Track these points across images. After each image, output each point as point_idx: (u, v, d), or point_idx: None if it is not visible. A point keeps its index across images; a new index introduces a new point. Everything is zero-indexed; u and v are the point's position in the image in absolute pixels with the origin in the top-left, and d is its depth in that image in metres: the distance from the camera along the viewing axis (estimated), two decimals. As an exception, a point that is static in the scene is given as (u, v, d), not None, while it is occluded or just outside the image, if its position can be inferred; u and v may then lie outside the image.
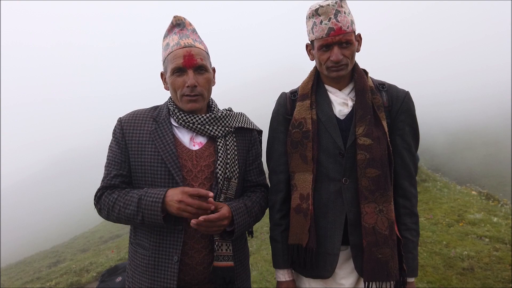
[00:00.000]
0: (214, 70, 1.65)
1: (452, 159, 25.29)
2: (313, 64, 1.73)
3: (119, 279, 2.22)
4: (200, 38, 1.61)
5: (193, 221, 1.38)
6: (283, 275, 1.65)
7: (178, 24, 1.58)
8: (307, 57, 1.70)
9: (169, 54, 1.53)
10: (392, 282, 1.51)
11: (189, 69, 1.50)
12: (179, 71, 1.51)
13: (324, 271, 1.56)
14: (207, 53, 1.61)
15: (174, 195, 1.40)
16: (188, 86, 1.49)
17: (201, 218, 1.37)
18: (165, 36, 1.59)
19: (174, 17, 1.59)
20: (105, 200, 1.54)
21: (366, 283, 1.50)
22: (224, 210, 1.46)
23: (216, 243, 1.50)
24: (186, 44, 1.52)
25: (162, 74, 1.63)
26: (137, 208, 1.45)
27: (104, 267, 7.04)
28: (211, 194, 1.41)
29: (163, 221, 1.43)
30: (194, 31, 1.60)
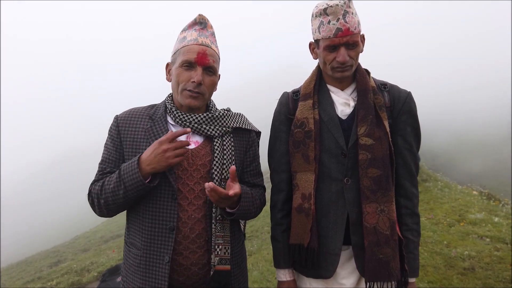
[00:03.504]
0: (219, 77, 1.65)
1: (453, 159, 25.25)
2: (313, 63, 1.73)
3: (119, 278, 2.22)
4: (217, 43, 1.62)
5: (208, 184, 1.35)
6: (284, 275, 1.65)
7: (201, 23, 1.60)
8: (306, 56, 1.70)
9: (183, 47, 1.53)
10: (393, 282, 1.51)
11: (199, 66, 1.51)
12: (189, 65, 1.51)
13: (326, 271, 1.57)
14: (219, 59, 1.62)
15: (152, 151, 1.40)
16: (193, 82, 1.49)
17: (224, 191, 1.38)
18: (184, 30, 1.60)
19: (199, 15, 1.61)
20: (94, 188, 1.52)
21: (368, 283, 1.50)
22: (238, 189, 1.46)
23: (220, 246, 1.50)
24: (204, 42, 1.54)
25: (167, 65, 1.63)
26: (119, 180, 1.43)
27: (105, 266, 7.05)
28: (188, 130, 1.43)
29: (149, 183, 1.42)
30: (213, 34, 1.61)
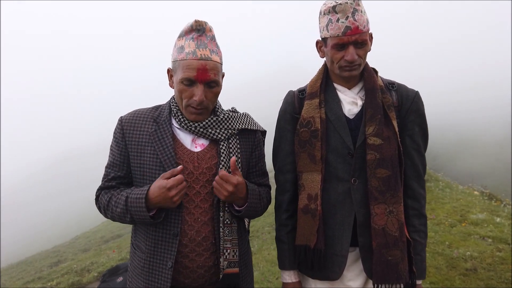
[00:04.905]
0: (223, 75, 1.59)
1: (454, 159, 25.25)
2: (313, 62, 1.71)
3: (120, 279, 2.21)
4: (218, 47, 1.53)
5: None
6: (289, 277, 1.64)
7: (198, 30, 1.49)
8: (306, 56, 1.67)
9: (182, 60, 1.46)
10: (401, 285, 1.49)
11: (201, 83, 1.45)
12: (189, 81, 1.46)
13: (332, 273, 1.55)
14: (221, 64, 1.55)
15: (155, 187, 1.39)
16: (195, 100, 1.46)
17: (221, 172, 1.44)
18: (181, 36, 1.50)
19: (196, 21, 1.49)
20: (102, 200, 1.55)
21: (376, 285, 1.48)
22: (241, 179, 1.49)
23: (228, 250, 1.49)
24: (203, 56, 1.45)
25: (169, 70, 1.57)
26: (125, 207, 1.45)
27: (105, 267, 7.03)
28: (180, 167, 1.41)
29: (153, 218, 1.42)
30: (213, 38, 1.51)
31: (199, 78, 1.44)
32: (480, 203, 7.39)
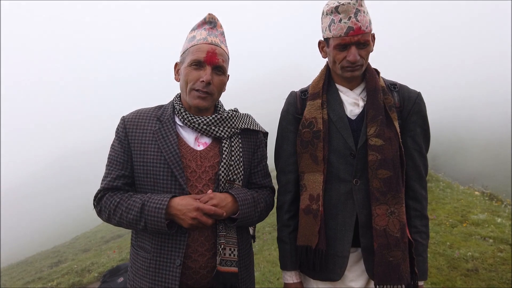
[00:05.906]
0: (228, 77, 1.63)
1: (454, 159, 25.26)
2: (314, 63, 1.70)
3: (120, 279, 2.20)
4: (226, 43, 1.60)
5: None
6: (291, 277, 1.63)
7: (210, 22, 1.58)
8: (307, 57, 1.67)
9: (192, 46, 1.52)
10: (403, 286, 1.48)
11: (209, 65, 1.49)
12: (198, 64, 1.49)
13: (333, 274, 1.54)
14: (228, 59, 1.60)
15: (187, 211, 1.38)
16: (202, 81, 1.47)
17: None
18: (193, 29, 1.59)
19: (209, 14, 1.59)
20: (107, 203, 1.50)
21: (377, 286, 1.48)
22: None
23: (222, 246, 1.47)
24: (213, 42, 1.52)
25: (176, 64, 1.61)
26: (140, 214, 1.42)
27: (106, 267, 7.03)
28: (225, 214, 1.42)
29: (167, 227, 1.41)
30: (222, 34, 1.60)
31: (208, 60, 1.48)
32: (481, 204, 7.38)
